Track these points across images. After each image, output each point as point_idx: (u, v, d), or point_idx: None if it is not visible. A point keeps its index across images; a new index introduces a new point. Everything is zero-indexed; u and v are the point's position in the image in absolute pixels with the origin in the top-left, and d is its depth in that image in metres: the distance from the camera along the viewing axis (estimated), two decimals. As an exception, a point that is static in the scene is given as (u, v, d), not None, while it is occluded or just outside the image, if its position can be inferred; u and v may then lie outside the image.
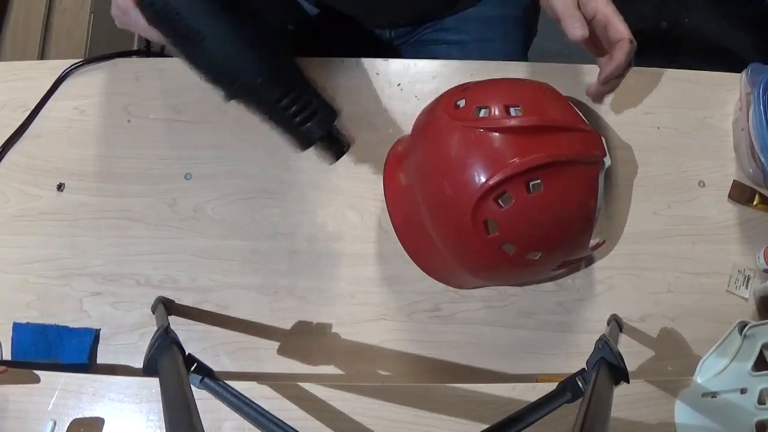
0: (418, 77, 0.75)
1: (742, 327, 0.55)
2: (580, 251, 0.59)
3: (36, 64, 0.82)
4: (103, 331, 0.65)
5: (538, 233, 0.53)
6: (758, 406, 0.54)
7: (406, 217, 0.60)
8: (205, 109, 0.73)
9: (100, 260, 0.67)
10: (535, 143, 0.51)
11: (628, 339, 0.66)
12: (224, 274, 0.67)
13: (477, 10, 0.87)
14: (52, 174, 0.70)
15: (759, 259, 0.68)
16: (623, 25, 0.56)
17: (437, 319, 0.66)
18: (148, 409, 0.57)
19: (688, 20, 1.34)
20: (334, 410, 0.57)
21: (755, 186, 0.71)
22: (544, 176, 0.51)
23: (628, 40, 0.56)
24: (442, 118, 0.55)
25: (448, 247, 0.57)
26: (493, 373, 0.65)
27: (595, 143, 0.55)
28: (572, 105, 0.57)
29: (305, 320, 0.66)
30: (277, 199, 0.70)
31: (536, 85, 0.58)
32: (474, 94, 0.55)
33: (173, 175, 0.70)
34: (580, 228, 0.56)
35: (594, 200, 0.55)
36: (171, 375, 0.46)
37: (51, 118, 0.72)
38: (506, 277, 0.62)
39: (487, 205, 0.51)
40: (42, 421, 0.56)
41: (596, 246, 0.60)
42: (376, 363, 0.65)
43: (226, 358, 0.64)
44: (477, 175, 0.51)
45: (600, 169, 0.55)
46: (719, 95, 0.76)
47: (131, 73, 0.74)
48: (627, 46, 0.56)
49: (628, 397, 0.58)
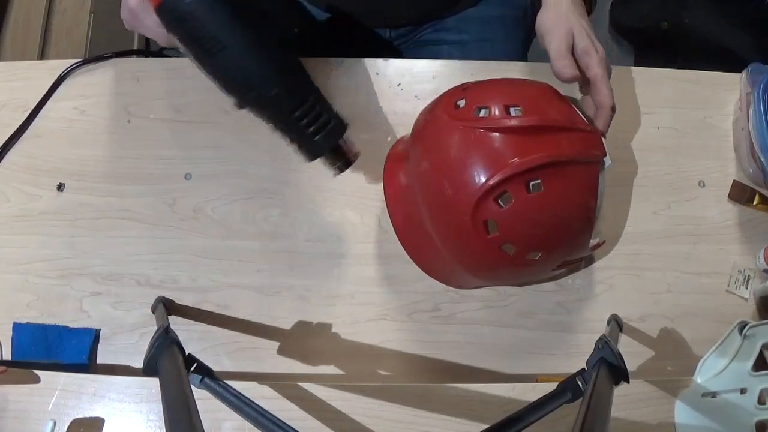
0: (418, 77, 0.75)
1: (742, 327, 0.55)
2: (580, 251, 0.59)
3: (36, 64, 0.82)
4: (103, 331, 0.65)
5: (538, 233, 0.53)
6: (758, 406, 0.54)
7: (406, 217, 0.60)
8: (205, 109, 0.73)
9: (100, 260, 0.67)
10: (535, 143, 0.51)
11: (628, 339, 0.66)
12: (224, 274, 0.67)
13: (477, 10, 0.87)
14: (52, 174, 0.70)
15: (759, 259, 0.68)
16: (608, 91, 0.58)
17: (437, 319, 0.66)
18: (148, 409, 0.57)
19: (688, 20, 1.35)
20: (334, 410, 0.57)
21: (755, 186, 0.71)
22: (544, 176, 0.51)
23: (609, 108, 0.58)
24: (442, 118, 0.55)
25: (448, 247, 0.57)
26: (493, 373, 0.65)
27: (595, 143, 0.55)
28: (573, 105, 0.57)
29: (305, 320, 0.66)
30: (277, 199, 0.70)
31: (536, 85, 0.58)
32: (474, 94, 0.55)
33: (173, 175, 0.70)
34: (580, 228, 0.56)
35: (594, 200, 0.55)
36: (171, 375, 0.46)
37: (51, 118, 0.72)
38: (506, 277, 0.62)
39: (487, 205, 0.51)
40: (42, 421, 0.56)
41: (596, 246, 0.60)
42: (376, 363, 0.65)
43: (226, 358, 0.64)
44: (477, 175, 0.51)
45: (600, 169, 0.55)
46: (719, 95, 0.76)
47: (131, 73, 0.74)
48: (608, 113, 0.58)
49: (628, 397, 0.58)
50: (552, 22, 0.61)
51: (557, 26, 0.60)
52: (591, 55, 0.59)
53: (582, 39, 0.59)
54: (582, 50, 0.59)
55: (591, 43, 0.60)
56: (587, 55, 0.59)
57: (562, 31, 0.59)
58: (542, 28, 0.62)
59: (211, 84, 0.74)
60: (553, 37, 0.60)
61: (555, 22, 0.61)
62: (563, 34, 0.59)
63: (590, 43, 0.59)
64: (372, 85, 0.74)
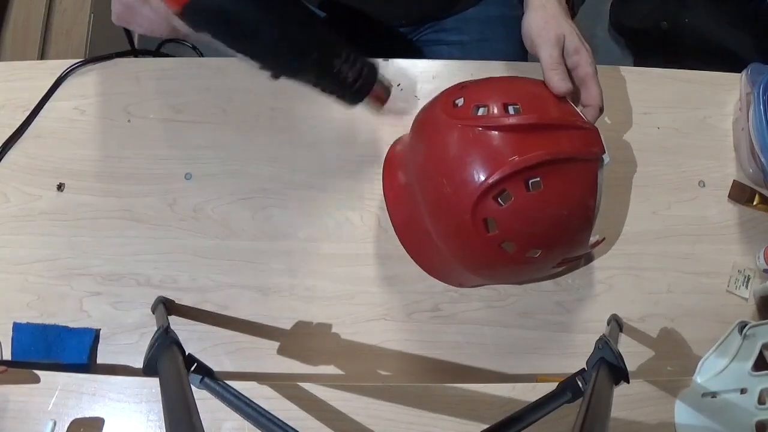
0: (418, 77, 0.75)
1: (742, 327, 0.55)
2: (580, 249, 0.59)
3: (36, 64, 0.82)
4: (103, 331, 0.65)
5: (537, 231, 0.53)
6: (758, 406, 0.54)
7: (406, 216, 0.60)
8: (205, 109, 0.73)
9: (100, 260, 0.67)
10: (534, 141, 0.51)
11: (628, 339, 0.66)
12: (224, 274, 0.67)
13: (477, 10, 0.87)
14: (52, 174, 0.70)
15: (759, 259, 0.68)
16: (597, 91, 0.58)
17: (437, 319, 0.66)
18: (148, 409, 0.57)
19: (688, 20, 1.35)
20: (334, 410, 0.57)
21: (755, 186, 0.71)
22: (543, 174, 0.51)
23: (597, 108, 0.58)
24: (441, 117, 0.55)
25: (448, 245, 0.57)
26: (493, 373, 0.65)
27: (594, 140, 0.55)
28: (571, 102, 0.57)
29: (305, 320, 0.66)
30: (277, 199, 0.70)
31: (534, 83, 0.58)
32: (472, 92, 0.55)
33: (173, 175, 0.70)
34: (580, 226, 0.56)
35: (593, 198, 0.55)
36: (171, 375, 0.46)
37: (51, 118, 0.72)
38: (506, 274, 0.62)
39: (486, 203, 0.51)
40: (42, 421, 0.56)
41: (595, 243, 0.60)
42: (376, 363, 0.65)
43: (226, 358, 0.64)
44: (476, 174, 0.51)
45: (599, 166, 0.55)
46: (719, 95, 0.76)
47: (131, 73, 0.74)
48: (596, 113, 0.58)
49: (628, 397, 0.58)
50: (540, 26, 0.60)
51: (547, 30, 0.59)
52: (581, 53, 0.59)
53: (572, 40, 0.59)
54: (573, 50, 0.59)
55: (581, 42, 0.59)
56: (577, 54, 0.59)
57: (552, 36, 0.59)
58: (531, 32, 0.61)
59: (211, 84, 0.74)
60: (544, 43, 0.59)
61: (544, 25, 0.60)
62: (554, 39, 0.59)
63: (580, 43, 0.59)
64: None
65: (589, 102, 0.58)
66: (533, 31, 0.60)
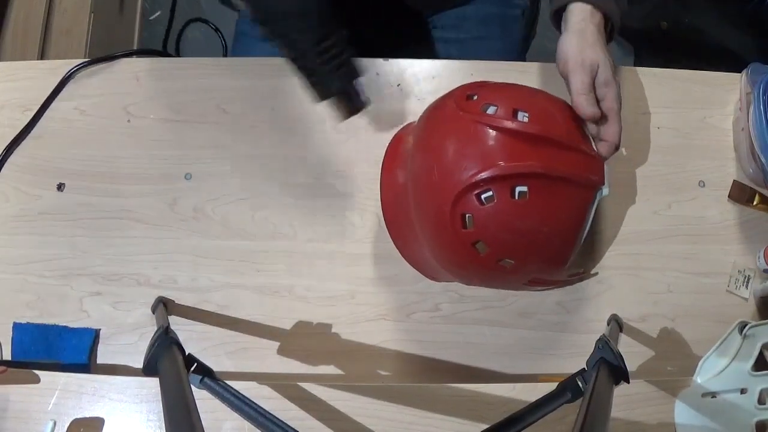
0: (418, 77, 0.75)
1: (742, 327, 0.55)
2: (555, 273, 0.58)
3: (36, 64, 0.82)
4: (103, 331, 0.65)
5: (512, 240, 0.52)
6: (758, 406, 0.54)
7: (396, 204, 0.59)
8: (205, 109, 0.73)
9: (100, 260, 0.67)
10: (531, 151, 0.51)
11: (628, 339, 0.66)
12: (224, 274, 0.67)
13: (475, 8, 0.87)
14: (52, 174, 0.70)
15: (759, 259, 0.68)
16: (617, 129, 0.58)
17: (437, 319, 0.66)
18: (148, 409, 0.57)
19: (688, 20, 1.35)
20: (334, 410, 0.57)
21: (755, 186, 0.71)
22: (532, 186, 0.51)
23: (614, 145, 0.58)
24: (450, 105, 0.55)
25: (424, 233, 0.56)
26: (493, 373, 0.65)
27: (595, 169, 0.54)
28: (585, 130, 0.57)
29: (305, 320, 0.66)
30: (277, 199, 0.70)
31: (554, 100, 0.57)
32: (488, 91, 0.55)
33: (173, 175, 0.70)
34: (558, 248, 0.55)
35: (579, 225, 0.54)
36: (171, 375, 0.46)
37: (52, 119, 0.72)
38: (474, 277, 0.60)
39: (468, 198, 0.51)
40: (42, 421, 0.56)
41: (575, 275, 0.59)
42: (376, 363, 0.65)
43: (226, 358, 0.64)
44: (465, 168, 0.51)
45: (594, 196, 0.55)
46: (719, 95, 0.76)
47: (131, 73, 0.74)
48: (610, 149, 0.58)
49: (628, 397, 0.58)
50: (576, 52, 0.59)
51: (583, 57, 0.58)
52: (610, 87, 0.58)
53: (605, 71, 0.58)
54: (603, 81, 0.58)
55: (612, 77, 0.59)
56: (606, 86, 0.58)
57: (587, 64, 0.58)
58: (566, 55, 0.59)
59: (211, 84, 0.74)
60: (578, 68, 0.58)
61: (580, 51, 0.59)
62: (589, 67, 0.58)
63: (612, 76, 0.59)
64: (372, 85, 0.74)
65: (607, 138, 0.58)
66: (569, 55, 0.59)
